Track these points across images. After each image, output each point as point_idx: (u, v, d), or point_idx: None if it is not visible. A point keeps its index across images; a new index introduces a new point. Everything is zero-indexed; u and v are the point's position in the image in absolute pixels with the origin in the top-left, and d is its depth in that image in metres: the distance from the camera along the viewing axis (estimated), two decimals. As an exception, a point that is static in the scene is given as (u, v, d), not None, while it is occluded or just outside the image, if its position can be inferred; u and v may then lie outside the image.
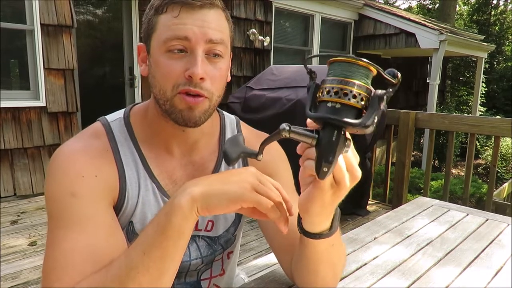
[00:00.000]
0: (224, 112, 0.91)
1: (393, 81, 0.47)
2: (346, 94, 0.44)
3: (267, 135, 0.94)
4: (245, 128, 0.93)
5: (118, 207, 0.74)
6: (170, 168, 0.80)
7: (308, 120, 0.51)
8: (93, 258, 0.62)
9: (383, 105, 0.46)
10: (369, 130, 0.46)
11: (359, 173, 0.55)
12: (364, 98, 0.46)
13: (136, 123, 0.80)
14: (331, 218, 0.63)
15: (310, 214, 0.60)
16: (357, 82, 0.45)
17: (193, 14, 0.69)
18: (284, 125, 0.48)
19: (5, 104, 3.59)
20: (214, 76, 0.72)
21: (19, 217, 3.22)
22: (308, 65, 0.52)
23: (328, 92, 0.45)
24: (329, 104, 0.45)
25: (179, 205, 0.56)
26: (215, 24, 0.71)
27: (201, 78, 0.69)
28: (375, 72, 0.47)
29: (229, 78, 0.79)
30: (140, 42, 0.79)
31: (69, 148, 0.73)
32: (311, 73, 0.49)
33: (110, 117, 0.80)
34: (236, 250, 0.96)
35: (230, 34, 0.76)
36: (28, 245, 2.71)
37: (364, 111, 0.46)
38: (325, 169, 0.47)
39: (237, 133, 0.91)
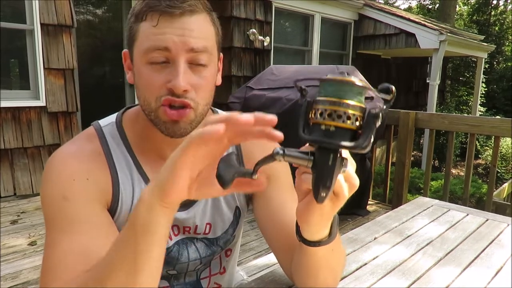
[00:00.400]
0: (220, 111, 0.89)
1: (387, 97, 0.45)
2: (340, 116, 0.43)
3: None
4: None
5: (111, 211, 0.74)
6: None
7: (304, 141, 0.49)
8: (86, 259, 0.62)
9: (378, 123, 0.44)
10: (367, 150, 0.44)
11: (357, 181, 0.54)
12: (358, 118, 0.44)
13: (128, 127, 0.79)
14: (329, 225, 0.62)
15: (309, 224, 0.60)
16: (351, 102, 0.43)
17: (173, 22, 0.66)
18: (278, 149, 0.46)
19: (5, 104, 3.58)
20: (199, 85, 0.69)
21: (19, 217, 3.22)
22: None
23: (321, 114, 0.43)
24: (322, 127, 0.43)
25: (142, 199, 0.53)
26: (197, 32, 0.67)
27: (184, 90, 0.67)
28: (368, 87, 0.45)
29: (219, 82, 0.77)
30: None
31: (62, 152, 0.73)
32: (302, 91, 0.47)
33: (103, 122, 0.80)
34: (235, 248, 0.96)
35: (217, 38, 0.73)
36: (28, 245, 2.71)
37: (359, 131, 0.45)
38: (323, 194, 0.46)
39: None
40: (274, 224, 0.80)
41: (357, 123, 0.43)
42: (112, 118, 0.81)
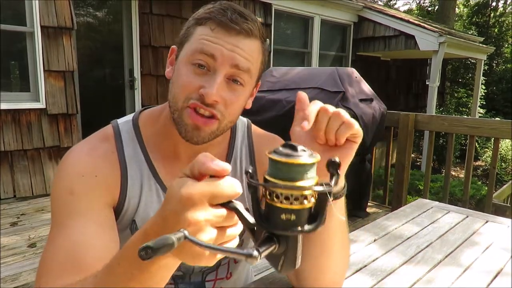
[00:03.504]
0: (242, 119, 0.91)
1: (334, 172, 0.46)
2: (297, 199, 0.41)
3: (280, 138, 0.94)
4: (256, 130, 0.93)
5: (119, 207, 0.76)
6: (176, 171, 0.80)
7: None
8: (75, 256, 0.63)
9: (331, 199, 0.43)
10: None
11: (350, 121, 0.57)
12: (314, 195, 0.43)
13: (145, 125, 0.82)
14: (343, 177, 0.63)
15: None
16: (307, 182, 0.41)
17: (228, 37, 0.69)
18: (251, 251, 0.41)
19: (5, 106, 3.59)
20: (230, 101, 0.71)
21: (18, 219, 3.22)
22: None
23: (278, 197, 0.41)
24: (283, 217, 0.41)
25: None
26: (246, 54, 0.70)
27: (214, 101, 0.69)
28: (319, 159, 0.43)
29: (248, 106, 0.79)
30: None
31: (76, 150, 0.76)
32: (248, 173, 0.44)
33: (121, 119, 0.83)
34: None
35: (261, 67, 0.76)
36: (28, 247, 2.71)
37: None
38: (291, 269, 0.46)
39: (247, 135, 0.90)
40: None
41: (313, 200, 0.43)
42: (129, 116, 0.84)
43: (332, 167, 0.45)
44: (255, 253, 0.40)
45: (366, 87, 3.66)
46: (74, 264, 0.63)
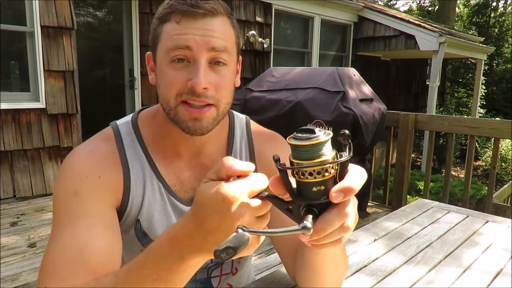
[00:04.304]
0: (234, 112, 0.91)
1: (346, 142, 0.49)
2: (326, 170, 0.46)
3: (279, 135, 0.94)
4: (256, 127, 0.92)
5: (122, 208, 0.77)
6: (178, 169, 0.81)
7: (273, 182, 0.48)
8: (83, 256, 0.64)
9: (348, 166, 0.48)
10: None
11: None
12: (337, 164, 0.48)
13: (144, 125, 0.82)
14: None
15: None
16: (330, 155, 0.46)
17: (195, 23, 0.69)
18: (306, 223, 0.45)
19: (5, 105, 3.59)
20: (219, 83, 0.71)
21: (18, 219, 3.22)
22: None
23: (311, 174, 0.46)
24: (314, 189, 0.46)
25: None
26: (218, 33, 0.70)
27: (204, 88, 0.69)
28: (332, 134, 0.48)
29: (238, 84, 0.80)
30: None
31: (78, 151, 0.76)
32: (277, 161, 0.48)
33: (120, 121, 0.83)
34: None
35: (236, 41, 0.76)
36: (28, 246, 2.71)
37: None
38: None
39: (246, 132, 0.90)
40: (281, 227, 0.80)
41: (337, 167, 0.48)
42: (128, 117, 0.84)
43: (343, 138, 0.49)
44: (308, 224, 0.44)
45: (366, 87, 3.66)
46: (81, 265, 0.63)
